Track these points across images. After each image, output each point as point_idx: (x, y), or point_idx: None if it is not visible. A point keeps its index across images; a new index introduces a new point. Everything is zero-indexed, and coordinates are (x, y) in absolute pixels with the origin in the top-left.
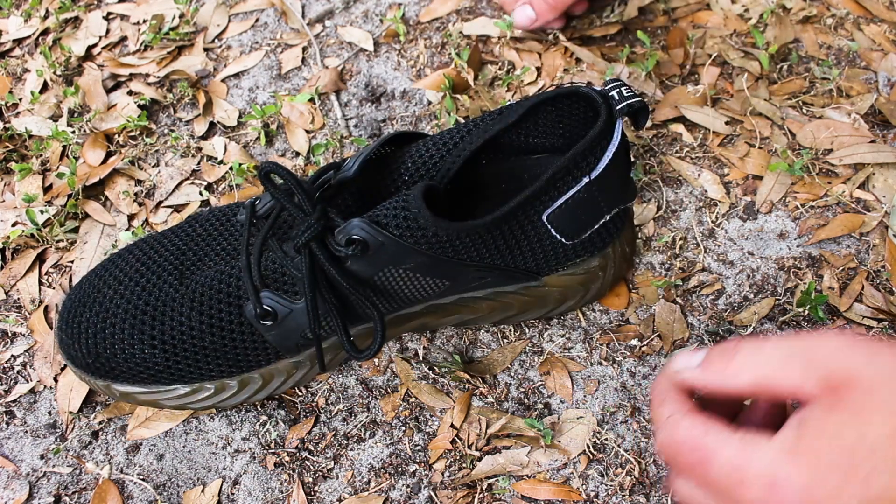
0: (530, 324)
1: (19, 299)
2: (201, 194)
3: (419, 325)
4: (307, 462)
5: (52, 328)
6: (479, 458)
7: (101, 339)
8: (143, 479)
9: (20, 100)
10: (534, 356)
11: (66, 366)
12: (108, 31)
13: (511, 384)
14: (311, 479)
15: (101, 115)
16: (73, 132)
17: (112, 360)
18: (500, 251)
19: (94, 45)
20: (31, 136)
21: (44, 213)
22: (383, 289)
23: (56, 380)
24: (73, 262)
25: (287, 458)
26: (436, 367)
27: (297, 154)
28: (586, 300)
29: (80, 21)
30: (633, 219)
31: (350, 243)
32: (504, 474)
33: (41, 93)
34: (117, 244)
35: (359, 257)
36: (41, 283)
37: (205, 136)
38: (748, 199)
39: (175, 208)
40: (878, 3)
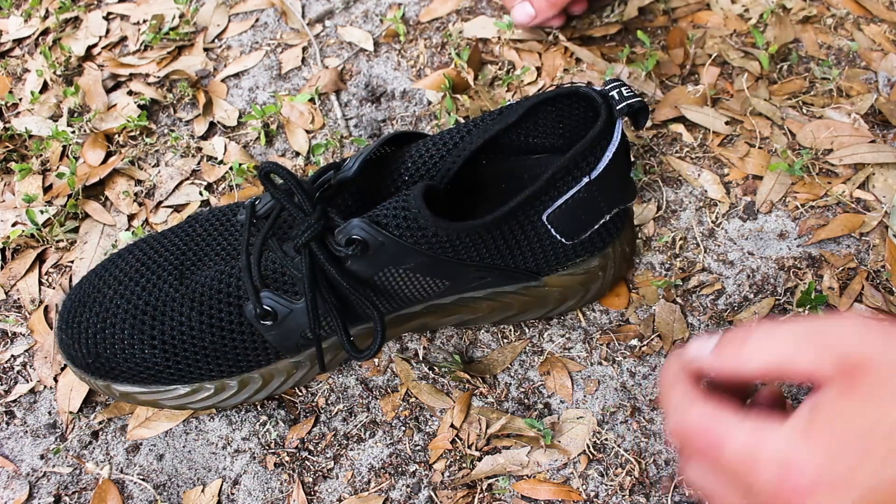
0: (530, 324)
1: (19, 299)
2: (201, 194)
3: (419, 325)
4: (307, 462)
5: (52, 328)
6: (479, 458)
7: (101, 339)
8: (143, 479)
9: (20, 100)
10: (534, 356)
11: (66, 366)
12: (108, 31)
13: (511, 384)
14: (311, 479)
15: (101, 115)
16: (73, 132)
17: (112, 360)
18: (500, 251)
19: (94, 45)
20: (31, 136)
21: (44, 213)
22: (383, 289)
23: (56, 380)
24: (73, 262)
25: (287, 458)
26: (436, 367)
27: (297, 154)
28: (586, 300)
29: (80, 21)
30: (633, 219)
31: (350, 243)
32: (504, 474)
33: (41, 93)
34: (117, 244)
35: (359, 257)
36: (41, 283)
37: (205, 136)
38: (748, 199)
39: (175, 208)
40: (878, 3)
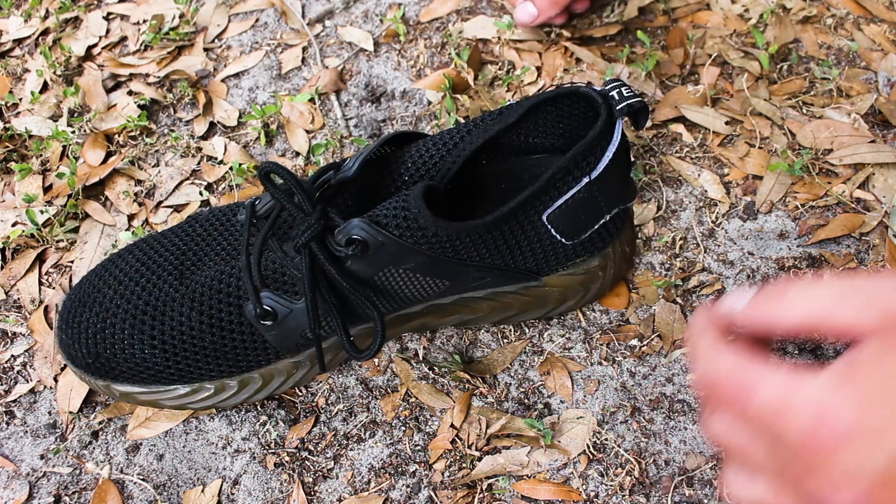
0: (530, 324)
1: (19, 299)
2: (201, 194)
3: (419, 325)
4: (307, 462)
5: (52, 328)
6: (479, 458)
7: (101, 339)
8: (143, 479)
9: (20, 100)
10: (534, 356)
11: (66, 366)
12: (108, 31)
13: (511, 384)
14: (311, 479)
15: (101, 115)
16: (73, 132)
17: (112, 360)
18: (500, 251)
19: (94, 45)
20: (31, 136)
21: (44, 213)
22: (383, 289)
23: (56, 380)
24: (73, 262)
25: (287, 458)
26: (436, 367)
27: (297, 154)
28: (586, 300)
29: (80, 21)
30: (633, 219)
31: (350, 243)
32: (504, 474)
33: (41, 93)
34: (117, 244)
35: (359, 257)
36: (41, 283)
37: (205, 136)
38: (748, 199)
39: (175, 208)
40: (878, 3)
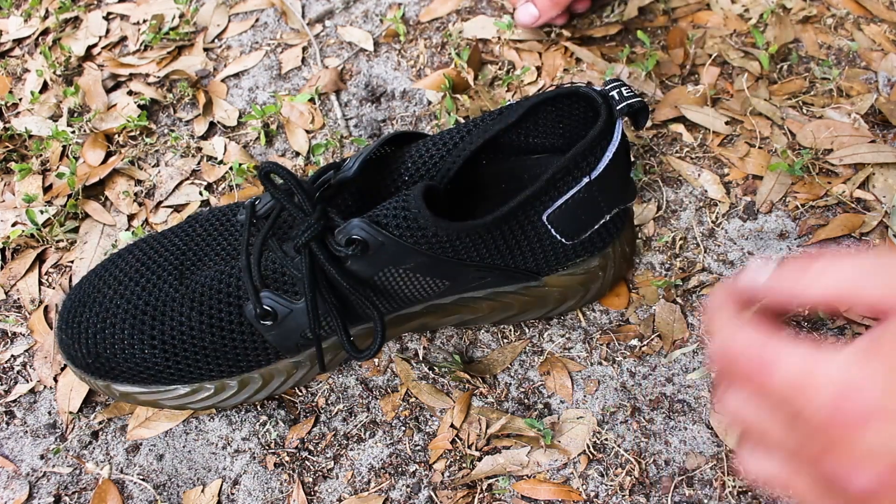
0: (530, 324)
1: (19, 299)
2: (201, 194)
3: (419, 325)
4: (307, 462)
5: (52, 328)
6: (479, 458)
7: (101, 339)
8: (143, 479)
9: (20, 100)
10: (534, 356)
11: (66, 366)
12: (108, 31)
13: (511, 384)
14: (311, 479)
15: (101, 115)
16: (73, 132)
17: (112, 360)
18: (500, 251)
19: (94, 45)
20: (31, 136)
21: (44, 213)
22: (383, 289)
23: (56, 380)
24: (73, 262)
25: (287, 458)
26: (436, 367)
27: (297, 154)
28: (586, 300)
29: (80, 21)
30: (633, 219)
31: (350, 243)
32: (504, 474)
33: (41, 93)
34: (117, 244)
35: (359, 257)
36: (41, 283)
37: (205, 136)
38: (748, 199)
39: (175, 208)
40: (878, 3)
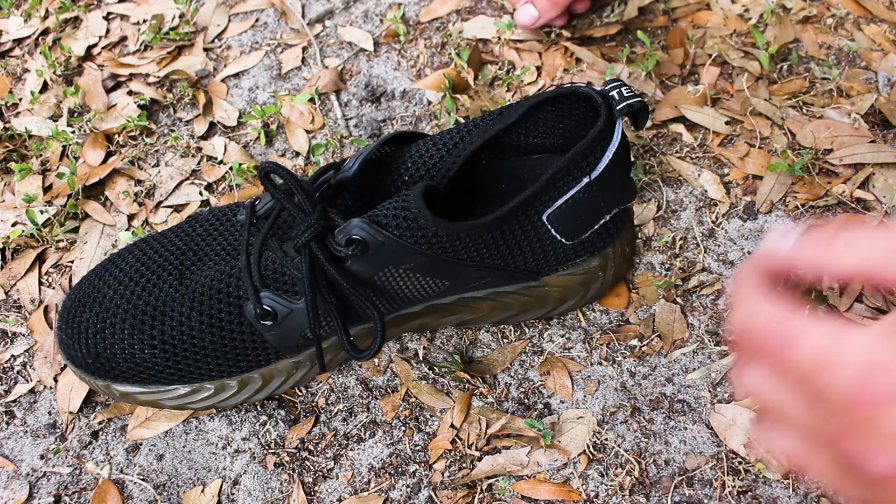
0: (530, 324)
1: (19, 299)
2: (201, 194)
3: (419, 325)
4: (307, 462)
5: (52, 328)
6: (479, 458)
7: (101, 339)
8: (143, 479)
9: (20, 100)
10: (534, 356)
11: (66, 366)
12: (108, 31)
13: (511, 384)
14: (311, 479)
15: (101, 115)
16: (73, 132)
17: (112, 360)
18: (500, 251)
19: (94, 45)
20: (31, 136)
21: (44, 213)
22: (383, 289)
23: (56, 380)
24: (73, 262)
25: (287, 458)
26: (436, 367)
27: (297, 154)
28: (586, 300)
29: (80, 21)
30: (633, 219)
31: (350, 243)
32: (504, 474)
33: (41, 93)
34: (117, 244)
35: (359, 257)
36: (41, 283)
37: (205, 136)
38: (748, 199)
39: (175, 208)
40: (878, 3)
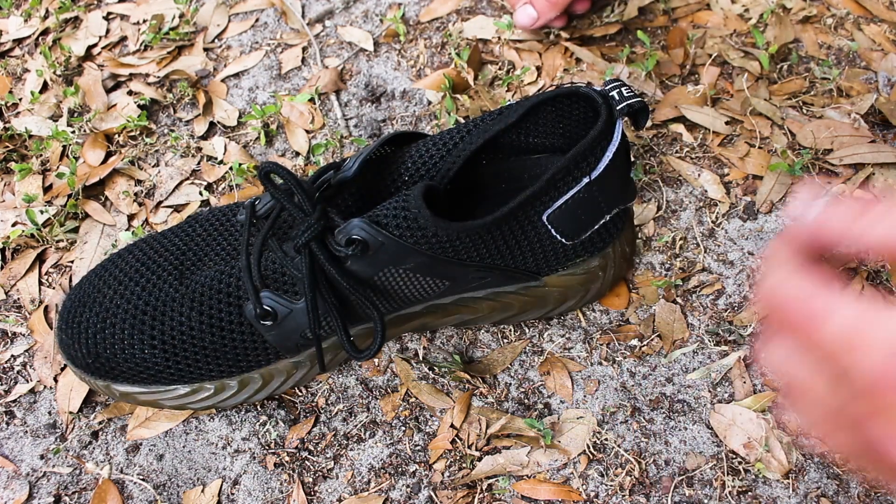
0: (530, 324)
1: (19, 299)
2: (201, 194)
3: (419, 325)
4: (307, 462)
5: (52, 328)
6: (479, 458)
7: (101, 339)
8: (143, 479)
9: (20, 100)
10: (534, 356)
11: (66, 366)
12: (108, 31)
13: (511, 384)
14: (311, 479)
15: (101, 115)
16: (73, 132)
17: (112, 360)
18: (500, 251)
19: (94, 45)
20: (31, 136)
21: (44, 213)
22: (383, 289)
23: (56, 380)
24: (73, 262)
25: (287, 458)
26: (436, 367)
27: (297, 154)
28: (586, 300)
29: (80, 21)
30: (633, 219)
31: (350, 243)
32: (504, 474)
33: (41, 93)
34: (117, 244)
35: (359, 257)
36: (41, 283)
37: (205, 136)
38: (748, 199)
39: (175, 208)
40: (878, 3)
